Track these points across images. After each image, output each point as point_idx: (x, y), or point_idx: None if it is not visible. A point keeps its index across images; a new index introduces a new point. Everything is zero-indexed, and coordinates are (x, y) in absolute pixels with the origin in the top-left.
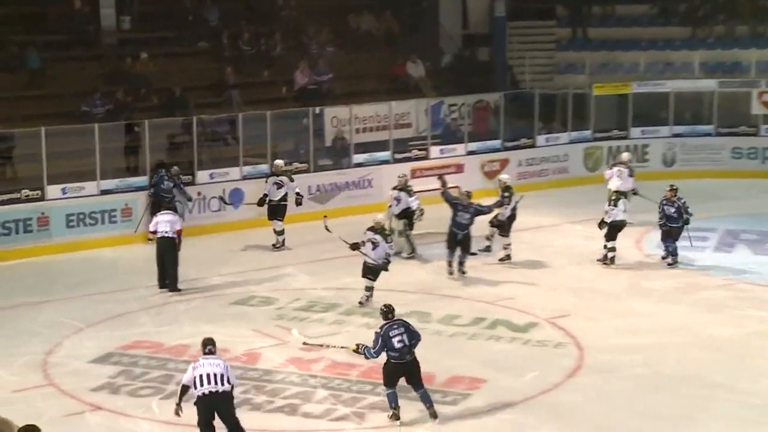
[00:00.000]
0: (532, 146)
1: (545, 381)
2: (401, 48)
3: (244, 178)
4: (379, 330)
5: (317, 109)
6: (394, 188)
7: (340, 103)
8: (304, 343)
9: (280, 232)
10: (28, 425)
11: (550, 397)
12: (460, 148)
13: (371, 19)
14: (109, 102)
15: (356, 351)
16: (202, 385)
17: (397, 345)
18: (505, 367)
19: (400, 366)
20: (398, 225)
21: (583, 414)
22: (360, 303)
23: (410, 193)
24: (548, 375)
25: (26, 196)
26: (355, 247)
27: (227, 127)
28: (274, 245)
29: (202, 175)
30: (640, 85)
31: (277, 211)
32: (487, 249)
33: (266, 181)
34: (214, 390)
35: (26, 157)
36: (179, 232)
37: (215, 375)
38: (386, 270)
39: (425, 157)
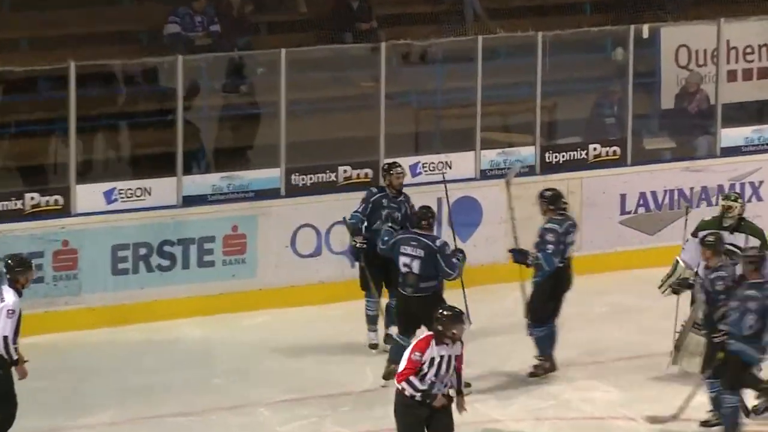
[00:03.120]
0: None
1: None
2: None
3: (483, 175)
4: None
5: (644, 29)
6: (700, 232)
7: (694, 17)
8: (507, 182)
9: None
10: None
11: None
12: None
13: None
14: (213, 15)
15: None
16: None
17: (403, 269)
18: None
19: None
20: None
21: None
22: None
23: (755, 231)
24: None
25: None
26: None
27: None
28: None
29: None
30: None
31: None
32: None
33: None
34: None
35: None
36: None
37: None
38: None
39: None
